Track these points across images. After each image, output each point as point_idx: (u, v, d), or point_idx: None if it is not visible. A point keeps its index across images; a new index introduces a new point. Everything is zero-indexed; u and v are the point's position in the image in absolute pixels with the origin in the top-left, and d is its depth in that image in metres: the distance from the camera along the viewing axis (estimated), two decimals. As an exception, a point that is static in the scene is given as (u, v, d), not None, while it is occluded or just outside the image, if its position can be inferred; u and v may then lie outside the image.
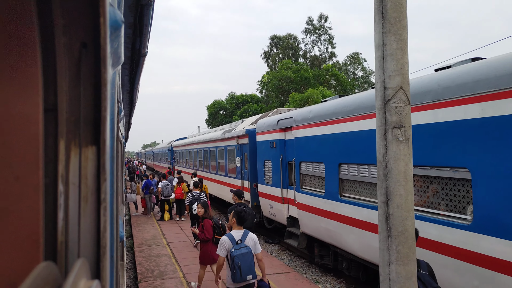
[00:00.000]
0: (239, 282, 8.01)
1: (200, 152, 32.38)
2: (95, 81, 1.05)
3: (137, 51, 6.21)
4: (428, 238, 8.33)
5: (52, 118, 1.01)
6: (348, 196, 11.70)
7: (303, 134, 14.38)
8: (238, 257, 7.92)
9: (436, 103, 8.17)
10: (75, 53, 1.03)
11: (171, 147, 51.69)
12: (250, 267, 8.00)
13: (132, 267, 16.17)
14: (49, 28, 0.98)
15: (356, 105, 11.17)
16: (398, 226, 5.42)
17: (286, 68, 59.16)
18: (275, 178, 17.16)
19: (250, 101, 67.14)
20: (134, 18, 4.78)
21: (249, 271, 7.99)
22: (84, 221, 1.06)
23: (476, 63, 7.77)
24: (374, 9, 5.65)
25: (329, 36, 72.62)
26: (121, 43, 1.44)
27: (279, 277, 12.80)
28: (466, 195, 7.64)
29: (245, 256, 7.97)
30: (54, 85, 1.00)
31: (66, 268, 1.00)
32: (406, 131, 5.47)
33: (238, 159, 21.71)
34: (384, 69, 5.50)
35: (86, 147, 1.06)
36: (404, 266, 5.42)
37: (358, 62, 74.42)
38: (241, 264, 7.88)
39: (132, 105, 12.38)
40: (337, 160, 12.06)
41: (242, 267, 7.88)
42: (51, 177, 1.00)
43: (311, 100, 43.75)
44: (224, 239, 8.25)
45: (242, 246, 8.08)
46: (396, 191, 5.42)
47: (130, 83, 8.62)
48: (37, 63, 0.95)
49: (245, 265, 7.91)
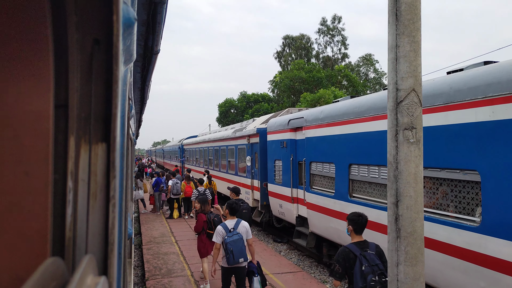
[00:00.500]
0: (232, 265, 9.24)
1: (211, 150, 32.39)
2: (107, 78, 1.05)
3: (150, 48, 6.21)
4: (437, 240, 8.30)
5: (63, 115, 1.01)
6: (358, 197, 11.68)
7: (314, 134, 14.36)
8: (231, 243, 9.12)
9: (447, 105, 8.14)
10: (88, 50, 1.03)
11: (182, 145, 51.73)
12: (241, 252, 9.17)
13: (140, 264, 16.21)
14: (62, 25, 0.98)
15: (367, 106, 11.14)
16: (407, 227, 5.41)
17: (299, 68, 59.13)
18: (285, 178, 17.15)
19: (262, 101, 67.16)
20: (148, 15, 4.79)
21: (241, 255, 9.18)
22: (93, 217, 1.06)
23: (488, 67, 7.73)
24: (388, 11, 5.64)
25: (342, 37, 72.64)
26: (133, 41, 1.45)
27: (287, 276, 12.79)
28: (475, 197, 7.62)
29: (237, 242, 9.16)
30: (65, 82, 1.00)
31: (73, 264, 1.01)
32: (417, 132, 5.46)
33: (249, 158, 21.70)
34: (397, 71, 5.49)
35: (96, 144, 1.06)
36: (412, 267, 5.41)
37: (371, 64, 74.36)
38: (233, 249, 9.08)
39: (143, 102, 12.41)
40: (348, 161, 12.04)
41: (234, 252, 9.09)
42: (60, 173, 1.01)
43: (322, 101, 43.72)
44: (219, 228, 9.43)
45: (234, 233, 9.27)
46: (406, 192, 5.41)
47: (141, 80, 8.64)
48: (49, 59, 0.96)
49: (237, 250, 9.11)
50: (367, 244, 6.65)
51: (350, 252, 6.46)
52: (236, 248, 9.11)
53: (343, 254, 6.50)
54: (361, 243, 6.65)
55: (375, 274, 6.19)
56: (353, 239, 6.83)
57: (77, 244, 1.02)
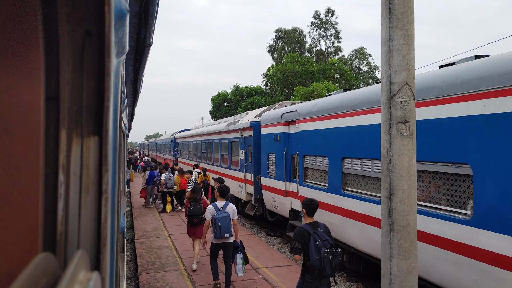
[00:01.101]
0: (219, 238, 10.67)
1: (204, 144, 32.34)
2: (99, 70, 1.03)
3: (142, 41, 6.17)
4: (429, 233, 8.34)
5: (54, 107, 0.99)
6: (351, 190, 11.70)
7: (307, 128, 14.37)
8: (219, 219, 10.58)
9: (440, 99, 8.16)
10: (79, 42, 1.02)
11: (174, 138, 51.65)
12: (227, 227, 10.63)
13: (132, 259, 16.20)
14: (53, 16, 0.96)
15: (360, 99, 11.15)
16: (400, 221, 5.43)
17: (292, 62, 59.07)
18: (279, 171, 17.16)
19: (255, 94, 67.08)
20: (140, 7, 4.75)
21: (227, 230, 10.62)
22: (85, 212, 1.05)
23: (480, 61, 7.76)
24: (382, 4, 5.64)
25: (335, 30, 72.62)
26: (126, 33, 1.43)
27: (280, 270, 12.83)
28: (467, 190, 7.65)
29: (224, 219, 10.61)
30: (56, 74, 0.99)
31: (65, 259, 0.99)
32: (410, 126, 5.47)
33: (242, 151, 21.69)
34: (390, 64, 5.49)
35: (88, 137, 1.05)
36: (405, 260, 5.43)
37: (363, 57, 74.40)
38: (221, 224, 10.54)
39: (136, 95, 12.35)
40: (341, 154, 12.06)
41: (221, 227, 10.53)
42: (52, 167, 0.99)
43: (315, 94, 43.71)
44: (210, 207, 10.90)
45: (223, 212, 10.72)
46: (400, 186, 5.43)
47: (134, 73, 8.59)
48: (39, 51, 0.94)
49: (223, 225, 10.55)
50: (317, 224, 8.03)
51: (305, 231, 7.81)
52: (223, 224, 10.57)
53: (300, 233, 7.84)
54: (313, 224, 8.00)
55: (327, 247, 7.60)
56: (306, 220, 8.18)
57: (69, 239, 1.01)
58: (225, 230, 10.57)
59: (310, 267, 7.71)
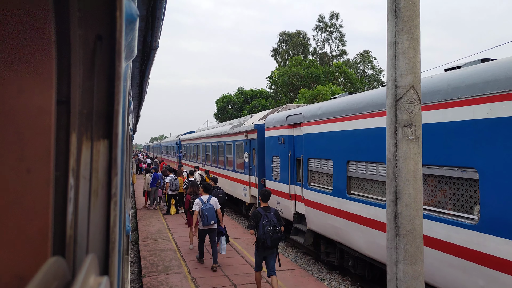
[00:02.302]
0: (206, 225, 13.33)
1: (208, 146, 32.39)
2: (109, 74, 1.04)
3: (149, 44, 6.20)
4: (436, 238, 8.31)
5: (65, 111, 1.00)
6: (356, 194, 11.69)
7: (312, 131, 14.37)
8: (206, 210, 13.22)
9: (445, 102, 8.15)
10: (90, 46, 1.02)
11: (179, 140, 51.74)
12: (213, 216, 13.29)
13: (136, 261, 16.20)
14: (65, 20, 0.97)
15: (365, 102, 11.14)
16: (406, 225, 5.41)
17: (297, 65, 59.09)
18: (283, 174, 17.16)
19: (259, 96, 67.09)
20: (147, 11, 4.77)
21: (212, 218, 13.27)
22: (94, 215, 1.05)
23: (486, 64, 7.74)
24: (387, 7, 5.63)
25: (340, 34, 72.61)
26: (135, 37, 1.43)
27: (284, 273, 12.81)
28: (474, 195, 7.62)
29: (209, 209, 13.27)
30: (67, 77, 0.99)
31: (74, 263, 0.99)
32: (416, 130, 5.46)
33: (246, 154, 21.69)
34: (396, 68, 5.48)
35: (98, 140, 1.05)
36: (411, 265, 5.41)
37: (368, 60, 74.32)
38: (207, 214, 13.16)
39: (141, 98, 12.39)
40: (346, 158, 12.05)
41: (208, 216, 13.17)
42: (61, 170, 0.99)
43: (320, 97, 43.68)
44: (197, 201, 13.53)
45: (208, 204, 13.38)
46: (405, 190, 5.41)
47: (140, 76, 8.62)
48: (51, 55, 0.94)
49: (210, 215, 13.21)
50: (269, 208, 10.65)
51: (258, 213, 10.48)
52: (209, 214, 13.21)
53: (255, 214, 10.54)
54: (266, 208, 10.63)
55: (270, 226, 10.24)
56: (262, 205, 10.85)
57: (78, 243, 1.01)
58: (211, 218, 13.25)
59: (258, 240, 10.48)
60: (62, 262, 0.92)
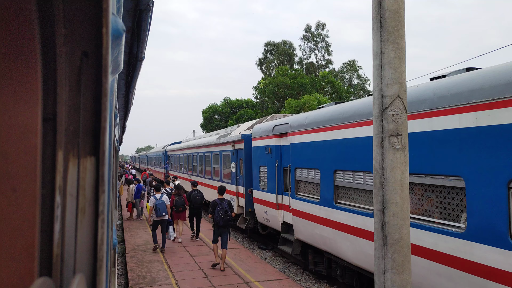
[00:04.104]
0: (159, 216, 17.38)
1: (195, 156, 32.31)
2: (95, 90, 1.03)
3: (134, 55, 6.18)
4: (423, 246, 8.33)
5: (51, 128, 0.99)
6: (343, 203, 11.69)
7: (299, 140, 14.38)
8: (158, 204, 17.35)
9: (431, 111, 8.19)
10: (76, 62, 1.01)
11: (166, 151, 51.60)
12: (164, 209, 17.41)
13: (123, 273, 16.10)
14: (51, 37, 0.96)
15: (352, 112, 11.17)
16: (394, 234, 5.42)
17: (283, 74, 59.22)
18: (270, 184, 17.15)
19: (246, 106, 67.13)
20: (132, 23, 4.76)
21: (164, 211, 17.40)
22: (81, 233, 1.04)
23: (471, 73, 7.80)
24: (373, 18, 5.67)
25: (326, 43, 72.89)
26: (121, 51, 1.42)
27: (272, 284, 12.77)
28: (460, 203, 7.65)
29: (161, 204, 17.42)
30: (53, 94, 0.98)
31: (61, 283, 0.98)
32: (402, 139, 5.48)
33: (233, 164, 21.67)
34: (382, 77, 5.51)
35: (85, 157, 1.04)
36: (399, 274, 5.41)
37: (354, 70, 74.73)
38: (160, 208, 17.30)
39: (127, 109, 12.34)
40: (333, 167, 12.06)
41: (160, 209, 17.29)
42: (48, 188, 0.98)
43: (306, 107, 43.80)
44: (151, 198, 17.89)
45: (160, 200, 17.52)
46: (392, 199, 5.42)
47: (126, 87, 8.58)
48: (37, 72, 0.93)
49: (161, 208, 17.34)
50: (224, 199, 14.76)
51: (215, 202, 14.53)
52: (161, 207, 17.36)
53: (213, 203, 14.61)
54: (221, 199, 14.72)
55: (223, 211, 14.32)
56: (218, 196, 14.93)
57: (65, 262, 1.00)
58: (163, 211, 17.39)
59: (214, 221, 14.55)
60: (50, 283, 0.90)
